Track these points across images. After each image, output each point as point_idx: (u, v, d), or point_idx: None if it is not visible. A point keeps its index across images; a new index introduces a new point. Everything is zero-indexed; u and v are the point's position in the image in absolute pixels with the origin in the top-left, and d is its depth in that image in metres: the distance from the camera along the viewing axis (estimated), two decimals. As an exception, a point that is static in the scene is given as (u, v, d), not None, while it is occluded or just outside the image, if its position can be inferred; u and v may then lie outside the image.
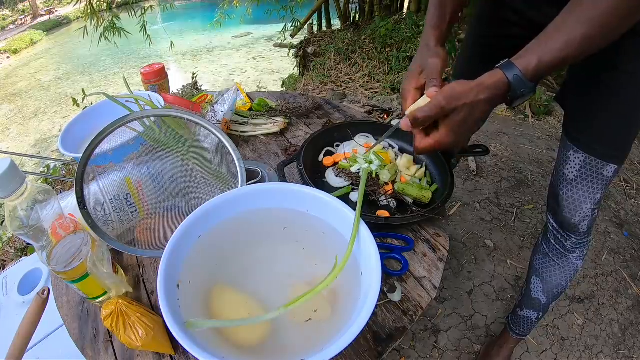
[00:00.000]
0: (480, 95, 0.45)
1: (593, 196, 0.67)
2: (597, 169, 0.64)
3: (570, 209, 0.70)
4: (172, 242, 0.42)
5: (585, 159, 0.64)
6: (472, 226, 1.54)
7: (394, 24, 2.88)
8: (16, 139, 4.09)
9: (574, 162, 0.65)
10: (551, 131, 2.13)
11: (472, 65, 0.83)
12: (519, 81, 0.44)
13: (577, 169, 0.65)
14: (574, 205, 0.69)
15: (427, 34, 0.60)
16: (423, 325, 1.20)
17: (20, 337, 0.49)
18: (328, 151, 0.81)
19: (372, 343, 0.50)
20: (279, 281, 0.47)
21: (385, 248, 0.63)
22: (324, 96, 2.54)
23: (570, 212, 0.70)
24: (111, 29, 2.98)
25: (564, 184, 0.69)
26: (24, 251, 1.56)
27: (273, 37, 5.80)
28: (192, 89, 1.18)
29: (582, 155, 0.64)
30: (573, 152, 0.65)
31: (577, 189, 0.67)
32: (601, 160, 0.63)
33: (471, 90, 0.46)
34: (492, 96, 0.46)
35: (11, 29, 9.57)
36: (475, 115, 0.47)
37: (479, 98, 0.45)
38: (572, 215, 0.70)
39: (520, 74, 0.44)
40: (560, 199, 0.70)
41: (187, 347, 0.32)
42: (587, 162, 0.64)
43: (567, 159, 0.67)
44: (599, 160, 0.63)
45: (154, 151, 0.64)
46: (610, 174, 0.64)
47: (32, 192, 0.42)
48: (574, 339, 1.16)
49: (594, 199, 0.67)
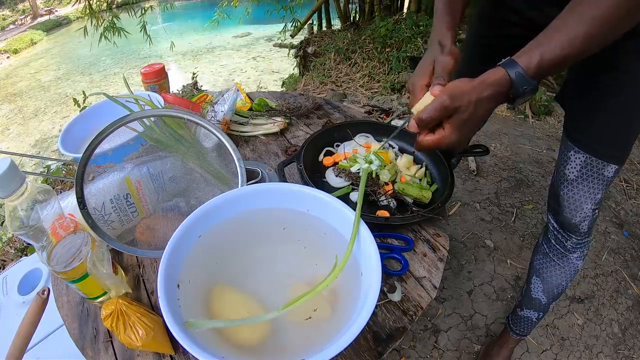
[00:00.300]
0: (484, 93, 0.45)
1: (594, 196, 0.67)
2: (597, 169, 0.64)
3: (570, 209, 0.70)
4: (172, 242, 0.42)
5: (586, 159, 0.64)
6: (472, 226, 1.54)
7: (394, 24, 2.88)
8: (16, 139, 4.09)
9: (575, 163, 0.65)
10: (551, 131, 2.13)
11: (473, 65, 0.83)
12: (521, 78, 0.44)
13: (578, 169, 0.65)
14: (575, 206, 0.69)
15: (439, 31, 0.58)
16: (423, 325, 1.20)
17: (20, 337, 0.49)
18: (328, 151, 0.81)
19: (372, 343, 0.50)
20: (278, 281, 0.47)
21: (385, 248, 0.63)
22: (324, 96, 2.54)
23: (570, 213, 0.70)
24: (111, 29, 2.99)
25: (565, 184, 0.69)
26: (24, 251, 1.56)
27: (273, 37, 5.80)
28: (192, 89, 1.18)
29: (582, 155, 0.64)
30: (574, 152, 0.65)
31: (578, 189, 0.67)
32: (602, 160, 0.63)
33: (474, 88, 0.45)
34: (495, 93, 0.46)
35: (11, 29, 9.57)
36: (478, 113, 0.47)
37: (482, 95, 0.45)
38: (573, 215, 0.70)
39: (522, 71, 0.44)
40: (561, 199, 0.70)
41: (187, 347, 0.32)
42: (588, 163, 0.64)
43: (568, 159, 0.67)
44: (599, 160, 0.63)
45: (154, 151, 0.64)
46: (610, 174, 0.64)
47: (32, 192, 0.42)
48: (574, 339, 1.16)
49: (594, 199, 0.67)
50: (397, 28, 2.84)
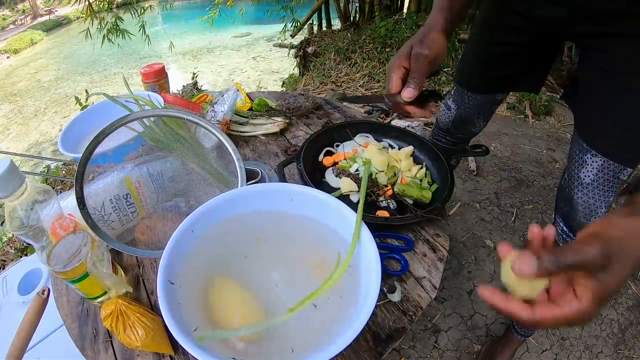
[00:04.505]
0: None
1: (607, 200, 0.65)
2: (614, 173, 0.62)
3: (585, 213, 0.68)
4: (172, 242, 0.42)
5: (604, 163, 0.61)
6: (472, 226, 1.54)
7: (394, 24, 2.88)
8: (16, 139, 4.09)
9: (592, 166, 0.63)
10: (551, 131, 2.13)
11: (475, 70, 0.82)
12: None
13: (594, 172, 0.63)
14: (589, 210, 0.67)
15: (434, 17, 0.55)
16: (423, 325, 1.20)
17: (20, 337, 0.49)
18: (328, 151, 0.81)
19: (372, 343, 0.50)
20: (279, 281, 0.47)
21: (385, 248, 0.63)
22: (324, 96, 2.54)
23: (585, 217, 0.68)
24: (114, 31, 2.98)
25: (579, 187, 0.66)
26: (24, 251, 1.56)
27: (273, 37, 5.79)
28: (192, 89, 1.18)
29: (600, 159, 0.62)
30: (591, 155, 0.63)
31: (594, 193, 0.65)
32: (619, 164, 0.60)
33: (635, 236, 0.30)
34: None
35: (11, 29, 9.57)
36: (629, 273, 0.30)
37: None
38: (588, 220, 0.68)
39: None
40: (575, 203, 0.68)
41: (187, 347, 0.32)
42: (605, 167, 0.62)
43: (584, 163, 0.64)
44: (617, 164, 0.61)
45: (153, 151, 0.64)
46: (625, 177, 0.62)
47: (31, 192, 0.42)
48: (574, 339, 1.16)
49: (607, 203, 0.66)
50: (397, 28, 2.84)
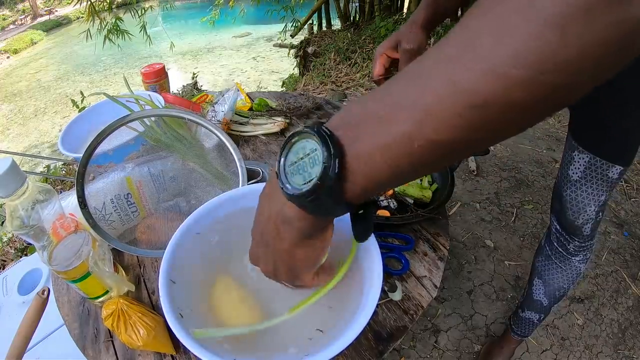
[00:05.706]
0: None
1: (597, 198, 0.66)
2: (602, 170, 0.62)
3: (573, 210, 0.69)
4: (173, 241, 0.42)
5: (590, 160, 0.62)
6: (472, 226, 1.54)
7: (394, 24, 2.89)
8: (16, 139, 4.09)
9: (579, 163, 0.64)
10: (551, 131, 2.13)
11: None
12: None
13: (582, 169, 0.64)
14: (578, 207, 0.68)
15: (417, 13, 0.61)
16: (423, 325, 1.20)
17: (20, 337, 0.49)
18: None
19: (373, 342, 0.50)
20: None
21: (386, 247, 0.63)
22: (324, 96, 2.54)
23: (574, 214, 0.69)
24: (115, 32, 2.98)
25: (568, 185, 0.68)
26: (24, 251, 1.56)
27: (273, 37, 5.80)
28: (192, 89, 1.18)
29: (587, 155, 0.63)
30: (578, 152, 0.64)
31: (582, 190, 0.66)
32: (606, 161, 0.61)
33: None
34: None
35: (11, 29, 9.58)
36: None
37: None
38: (576, 217, 0.69)
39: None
40: (564, 200, 0.69)
41: (189, 346, 0.32)
42: (592, 163, 0.62)
43: (572, 160, 0.65)
44: (604, 161, 0.61)
45: (154, 151, 0.64)
46: (615, 176, 0.62)
47: (32, 191, 0.42)
48: (574, 339, 1.16)
49: (598, 201, 0.66)
50: (397, 28, 2.83)
